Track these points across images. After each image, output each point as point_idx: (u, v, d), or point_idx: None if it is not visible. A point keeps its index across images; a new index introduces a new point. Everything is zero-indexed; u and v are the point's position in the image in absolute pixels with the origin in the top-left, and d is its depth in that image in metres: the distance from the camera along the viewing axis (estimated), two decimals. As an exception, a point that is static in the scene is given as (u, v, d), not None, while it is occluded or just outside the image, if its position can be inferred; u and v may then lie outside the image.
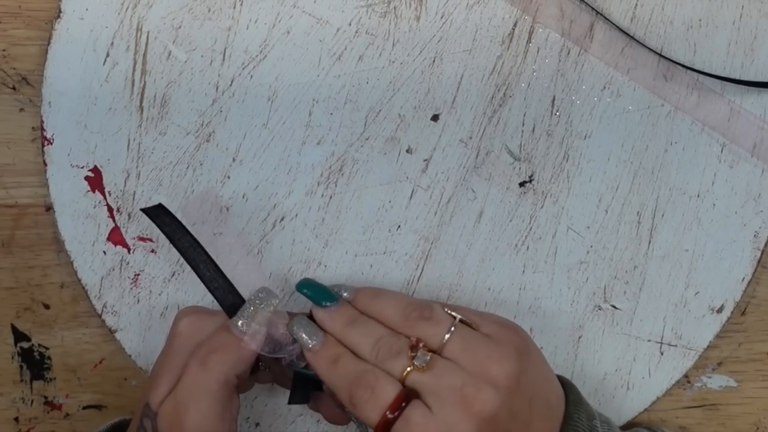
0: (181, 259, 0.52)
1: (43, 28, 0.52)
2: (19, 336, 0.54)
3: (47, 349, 0.54)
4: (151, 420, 0.45)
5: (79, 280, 0.53)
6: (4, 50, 0.52)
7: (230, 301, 0.46)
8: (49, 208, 0.53)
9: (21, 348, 0.54)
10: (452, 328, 0.44)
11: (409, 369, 0.43)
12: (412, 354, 0.43)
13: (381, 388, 0.43)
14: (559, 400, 0.46)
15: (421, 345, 0.44)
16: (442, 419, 0.42)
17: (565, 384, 0.47)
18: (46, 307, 0.53)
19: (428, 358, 0.43)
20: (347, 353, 0.45)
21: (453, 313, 0.45)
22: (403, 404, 0.42)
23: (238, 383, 0.45)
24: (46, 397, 0.54)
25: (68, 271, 0.53)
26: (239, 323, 0.45)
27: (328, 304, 0.46)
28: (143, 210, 0.48)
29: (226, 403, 0.45)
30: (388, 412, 0.42)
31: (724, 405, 0.55)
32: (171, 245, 0.47)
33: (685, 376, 0.55)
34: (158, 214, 0.47)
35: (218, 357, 0.44)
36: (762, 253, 0.54)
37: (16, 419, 0.54)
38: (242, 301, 0.46)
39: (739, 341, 0.55)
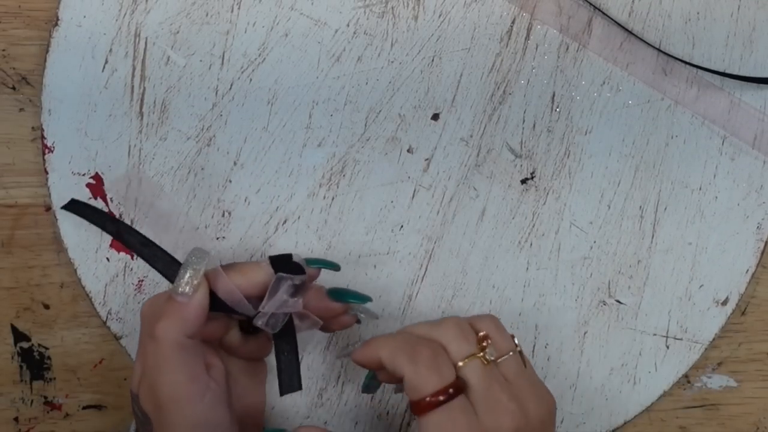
0: (185, 264, 0.52)
1: (43, 28, 0.52)
2: (18, 336, 0.54)
3: (47, 349, 0.54)
4: (136, 404, 0.45)
5: (83, 287, 0.53)
6: (4, 50, 0.52)
7: (174, 271, 0.46)
8: (49, 208, 0.52)
9: (21, 348, 0.54)
10: (517, 350, 0.45)
11: (475, 354, 0.44)
12: (483, 345, 0.44)
13: (443, 361, 0.43)
14: None
15: (489, 341, 0.44)
16: (483, 421, 0.42)
17: None
18: (46, 307, 0.53)
19: (495, 355, 0.44)
20: None
21: (516, 341, 0.46)
22: (451, 391, 0.43)
23: (194, 343, 0.45)
24: (45, 397, 0.54)
25: (68, 271, 0.53)
26: (178, 288, 0.44)
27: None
28: (63, 208, 0.49)
29: (192, 365, 0.44)
30: (440, 395, 0.42)
31: (724, 405, 0.55)
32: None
33: (685, 376, 0.55)
34: (78, 207, 0.49)
35: (161, 324, 0.44)
36: (765, 245, 0.54)
37: (16, 419, 0.54)
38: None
39: (739, 341, 0.55)
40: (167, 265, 0.47)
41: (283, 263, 0.46)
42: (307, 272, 0.46)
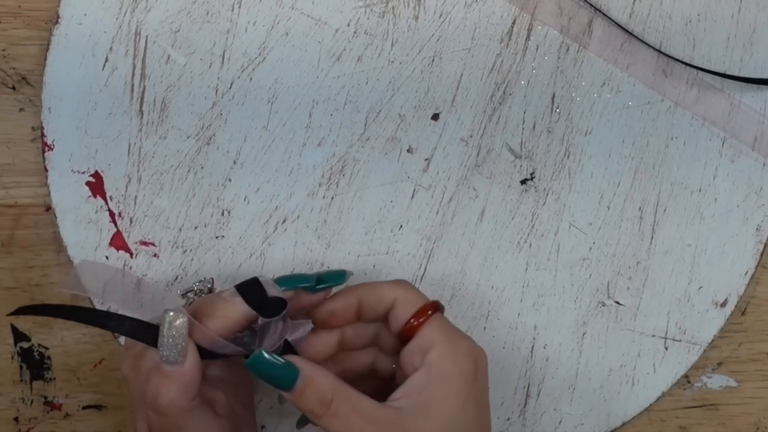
0: (184, 263, 0.53)
1: (43, 28, 0.52)
2: (18, 336, 0.54)
3: (47, 349, 0.54)
4: None
5: (82, 286, 0.53)
6: (4, 50, 0.52)
7: (149, 334, 0.44)
8: (49, 208, 0.52)
9: (21, 348, 0.54)
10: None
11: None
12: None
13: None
14: None
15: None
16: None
17: None
18: (46, 306, 0.54)
19: None
20: None
21: None
22: (432, 311, 0.46)
23: (196, 400, 0.44)
24: (45, 397, 0.54)
25: (68, 271, 0.53)
26: (163, 355, 0.42)
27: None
28: (12, 315, 0.46)
29: (203, 421, 0.44)
30: (430, 309, 0.46)
31: (724, 405, 0.55)
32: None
33: (685, 376, 0.55)
34: (34, 309, 0.47)
35: (163, 400, 0.42)
36: (765, 247, 0.54)
37: (16, 419, 0.54)
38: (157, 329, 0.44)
39: (739, 341, 0.55)
40: (142, 331, 0.44)
41: (252, 289, 0.45)
42: (285, 296, 0.45)
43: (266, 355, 0.42)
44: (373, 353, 0.49)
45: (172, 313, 0.42)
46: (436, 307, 0.46)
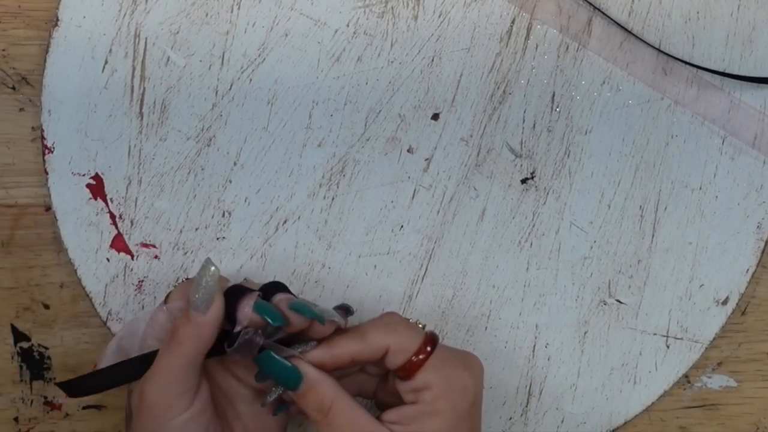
0: (185, 265, 0.53)
1: (43, 28, 0.52)
2: (18, 336, 0.54)
3: (47, 349, 0.54)
4: (128, 398, 0.46)
5: (84, 288, 0.53)
6: (4, 50, 0.52)
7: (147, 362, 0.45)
8: (49, 208, 0.52)
9: (21, 348, 0.54)
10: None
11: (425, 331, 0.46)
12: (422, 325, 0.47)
13: (411, 323, 0.46)
14: None
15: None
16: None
17: None
18: (46, 307, 0.53)
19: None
20: None
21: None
22: (429, 348, 0.45)
23: (200, 363, 0.44)
24: (45, 397, 0.54)
25: (68, 271, 0.53)
26: (193, 300, 0.43)
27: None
28: (60, 385, 0.47)
29: (187, 383, 0.44)
30: (427, 346, 0.45)
31: (724, 405, 0.55)
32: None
33: (685, 375, 0.55)
34: (71, 387, 0.47)
35: (176, 339, 0.44)
36: (766, 245, 0.54)
37: (16, 419, 0.54)
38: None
39: (739, 341, 0.55)
40: (142, 365, 0.45)
41: (233, 296, 0.45)
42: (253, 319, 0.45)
43: (275, 356, 0.44)
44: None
45: (213, 267, 0.43)
46: (431, 342, 0.45)
